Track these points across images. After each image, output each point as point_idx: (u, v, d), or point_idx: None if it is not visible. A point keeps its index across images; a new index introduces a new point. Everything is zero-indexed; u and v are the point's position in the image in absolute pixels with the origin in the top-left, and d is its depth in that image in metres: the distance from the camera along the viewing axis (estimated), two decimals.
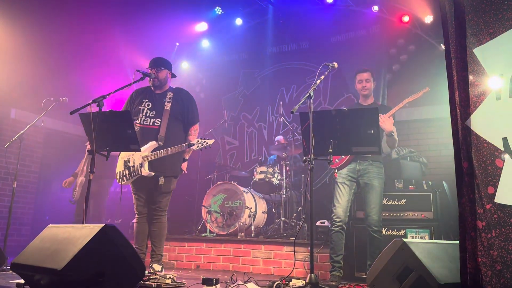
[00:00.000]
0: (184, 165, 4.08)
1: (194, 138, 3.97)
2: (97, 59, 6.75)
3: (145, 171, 3.80)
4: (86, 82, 6.58)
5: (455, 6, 2.45)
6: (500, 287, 2.06)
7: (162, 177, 3.84)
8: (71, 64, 6.55)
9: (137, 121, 3.93)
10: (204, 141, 3.77)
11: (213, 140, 3.82)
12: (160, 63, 4.02)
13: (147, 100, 4.00)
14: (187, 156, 4.08)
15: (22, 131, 4.69)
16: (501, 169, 2.16)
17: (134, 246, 3.22)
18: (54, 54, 6.40)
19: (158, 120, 3.91)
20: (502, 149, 2.18)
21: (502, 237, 2.10)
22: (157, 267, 3.81)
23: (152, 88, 4.05)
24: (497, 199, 2.15)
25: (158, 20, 7.07)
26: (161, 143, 3.84)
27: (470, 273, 2.17)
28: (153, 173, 3.81)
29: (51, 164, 5.87)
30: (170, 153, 3.81)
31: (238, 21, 7.39)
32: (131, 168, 3.87)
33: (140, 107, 3.99)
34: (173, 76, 4.16)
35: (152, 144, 3.84)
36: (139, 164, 3.82)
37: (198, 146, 3.77)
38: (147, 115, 3.94)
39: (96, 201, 5.12)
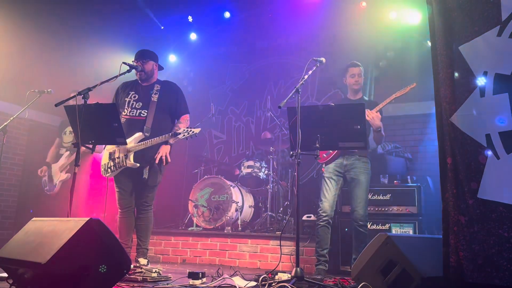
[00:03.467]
0: (167, 149, 3.87)
1: (185, 126, 3.89)
2: (82, 51, 6.66)
3: (130, 162, 3.75)
4: (72, 74, 6.49)
5: (441, 3, 2.47)
6: (481, 280, 2.11)
7: (147, 169, 3.80)
8: (56, 56, 6.45)
9: (123, 113, 3.89)
10: (190, 130, 3.65)
11: (199, 129, 3.70)
12: (145, 55, 3.97)
13: (133, 92, 3.97)
14: (171, 141, 3.89)
15: (5, 123, 4.61)
16: (484, 165, 2.20)
17: (120, 241, 3.20)
18: (39, 45, 6.29)
19: (144, 111, 3.87)
20: (486, 145, 2.22)
21: (484, 232, 2.14)
22: (142, 261, 3.80)
23: (139, 80, 4.02)
24: (480, 195, 2.19)
25: (144, 11, 7.01)
26: (147, 134, 3.80)
27: (453, 267, 2.21)
28: (138, 164, 3.76)
29: (35, 157, 5.77)
30: (156, 143, 3.76)
31: (227, 14, 7.35)
32: (116, 159, 3.83)
33: (126, 98, 3.95)
34: (161, 68, 4.12)
35: (138, 135, 3.80)
36: (124, 155, 3.78)
37: (184, 135, 3.66)
38: (133, 106, 3.90)
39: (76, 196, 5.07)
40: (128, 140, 3.70)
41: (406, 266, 2.54)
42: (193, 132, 3.66)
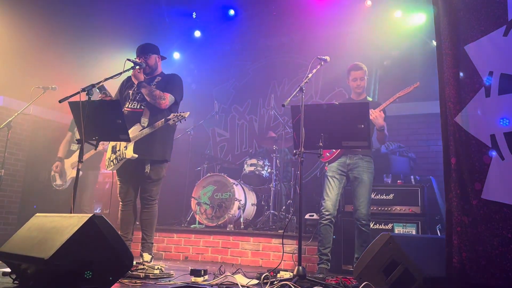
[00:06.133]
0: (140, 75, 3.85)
1: (163, 103, 3.83)
2: (87, 47, 6.67)
3: (129, 153, 3.74)
4: (76, 71, 6.50)
5: (447, 2, 2.46)
6: (485, 281, 2.10)
7: (148, 165, 3.81)
8: (61, 52, 6.46)
9: (125, 106, 3.90)
10: (179, 114, 3.72)
11: (188, 113, 3.76)
12: (147, 50, 3.97)
13: (135, 85, 3.98)
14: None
15: (10, 119, 4.63)
16: (488, 165, 2.19)
17: (119, 233, 3.20)
18: (44, 42, 6.31)
19: (144, 103, 3.88)
20: (490, 146, 2.20)
21: (488, 233, 2.13)
22: (147, 256, 3.80)
23: (143, 74, 4.02)
24: (484, 195, 2.18)
25: (149, 8, 7.01)
26: (144, 125, 3.81)
27: (455, 268, 2.21)
28: (136, 155, 3.75)
29: (39, 153, 5.79)
30: (150, 131, 3.76)
31: (231, 12, 7.34)
32: (117, 152, 3.84)
33: (129, 91, 3.96)
34: (163, 58, 4.12)
35: (137, 126, 3.81)
36: (124, 147, 3.79)
37: (173, 120, 3.73)
38: (135, 98, 3.91)
39: (80, 193, 5.07)
40: None
41: (408, 266, 2.53)
42: (182, 116, 3.72)
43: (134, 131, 3.78)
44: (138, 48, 3.99)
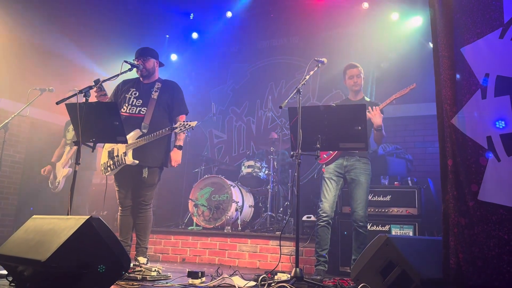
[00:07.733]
0: (178, 154, 3.95)
1: None
2: (85, 49, 6.67)
3: (129, 159, 3.74)
4: (73, 72, 6.50)
5: (443, 5, 2.47)
6: (481, 282, 2.11)
7: (146, 169, 3.80)
8: (58, 54, 6.46)
9: (122, 110, 3.89)
10: (187, 123, 3.69)
11: (196, 122, 3.75)
12: (146, 53, 3.97)
13: (134, 89, 3.97)
14: (180, 143, 3.96)
15: (7, 121, 4.62)
16: (484, 167, 2.20)
17: (119, 238, 3.19)
18: (41, 43, 6.30)
19: (144, 109, 3.87)
20: (486, 147, 2.21)
21: (484, 234, 2.14)
22: (142, 259, 3.80)
23: (140, 78, 4.02)
24: (480, 197, 2.19)
25: (147, 10, 7.02)
26: (144, 131, 3.79)
27: (452, 269, 2.21)
28: (137, 161, 3.74)
29: (36, 155, 5.78)
30: (154, 139, 3.74)
31: (228, 14, 7.35)
32: (115, 158, 3.82)
33: (126, 95, 3.95)
34: (161, 64, 4.12)
35: (136, 132, 3.79)
36: (123, 152, 3.78)
37: (180, 129, 3.71)
38: (134, 103, 3.90)
39: (78, 194, 5.06)
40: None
41: (405, 268, 2.53)
42: (189, 125, 3.69)
43: (133, 137, 3.77)
44: (137, 51, 3.99)
